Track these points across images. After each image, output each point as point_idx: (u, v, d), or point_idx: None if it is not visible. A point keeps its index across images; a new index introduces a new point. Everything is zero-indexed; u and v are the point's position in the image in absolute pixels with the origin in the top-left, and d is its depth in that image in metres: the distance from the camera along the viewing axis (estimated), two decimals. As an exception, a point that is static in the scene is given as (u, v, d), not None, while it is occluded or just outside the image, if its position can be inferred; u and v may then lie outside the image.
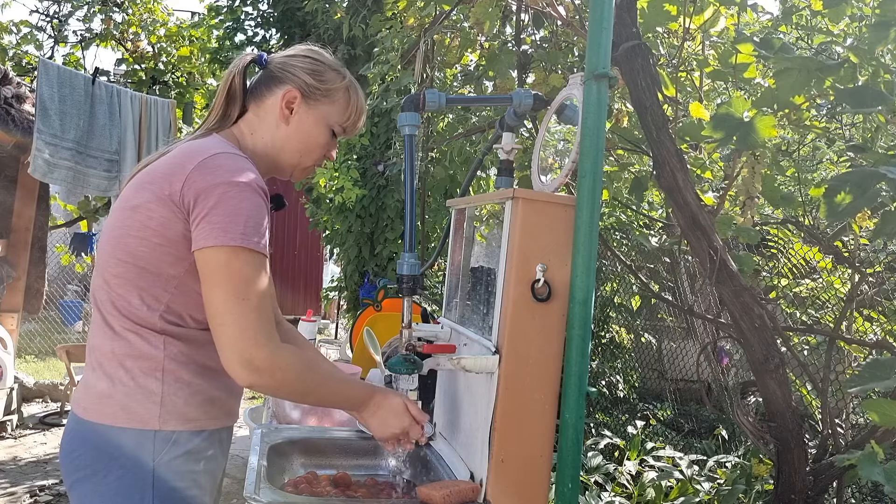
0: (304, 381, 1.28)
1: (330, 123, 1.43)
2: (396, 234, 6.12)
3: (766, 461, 2.35)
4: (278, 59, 1.43)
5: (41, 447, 4.85)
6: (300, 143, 1.41)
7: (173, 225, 1.22)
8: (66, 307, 9.87)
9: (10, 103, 4.73)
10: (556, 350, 1.37)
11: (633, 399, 4.92)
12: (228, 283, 1.19)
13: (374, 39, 4.53)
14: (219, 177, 1.21)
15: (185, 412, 1.27)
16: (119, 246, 1.26)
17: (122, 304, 1.26)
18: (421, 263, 1.51)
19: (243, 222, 1.19)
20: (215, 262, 1.20)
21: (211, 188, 1.20)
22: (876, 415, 1.44)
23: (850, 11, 2.06)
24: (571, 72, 2.64)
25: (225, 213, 1.19)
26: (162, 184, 1.23)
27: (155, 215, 1.23)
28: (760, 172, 2.01)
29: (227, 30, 7.60)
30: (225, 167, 1.22)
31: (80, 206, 6.43)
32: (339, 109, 1.43)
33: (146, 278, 1.24)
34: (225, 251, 1.19)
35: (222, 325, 1.19)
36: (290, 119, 1.39)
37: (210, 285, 1.20)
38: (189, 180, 1.21)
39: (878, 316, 2.72)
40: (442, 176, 4.52)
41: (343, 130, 1.46)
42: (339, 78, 1.43)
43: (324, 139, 1.43)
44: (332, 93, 1.42)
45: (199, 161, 1.23)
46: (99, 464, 1.24)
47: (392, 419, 1.40)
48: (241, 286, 1.20)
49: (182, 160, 1.25)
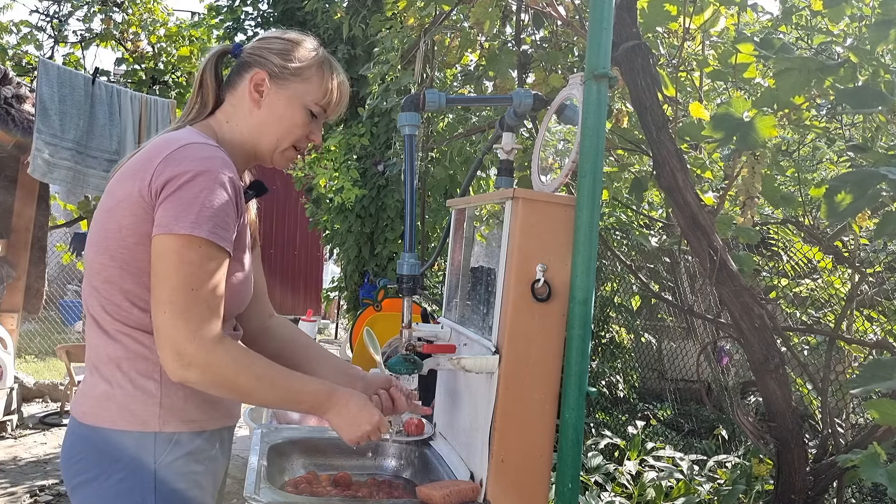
0: (245, 380, 1.21)
1: (305, 103, 1.36)
2: (396, 234, 6.13)
3: (766, 461, 2.35)
4: (249, 46, 1.41)
5: (41, 447, 4.85)
6: (275, 125, 1.35)
7: (145, 223, 1.20)
8: (66, 307, 9.87)
9: (10, 103, 4.73)
10: (556, 350, 1.37)
11: (633, 399, 4.92)
12: (174, 272, 1.16)
13: (374, 39, 4.53)
14: (184, 167, 1.18)
15: (184, 413, 1.26)
16: (101, 249, 1.24)
17: (111, 307, 1.24)
18: (421, 263, 1.51)
19: (197, 211, 1.16)
20: (163, 249, 1.16)
21: (174, 178, 1.17)
22: (877, 414, 1.44)
23: (850, 11, 2.06)
24: (571, 72, 2.64)
25: (181, 201, 1.16)
26: (133, 181, 1.21)
27: (128, 213, 1.21)
28: (760, 172, 2.01)
29: (227, 30, 7.60)
30: (191, 157, 1.19)
31: (80, 206, 6.43)
32: (314, 87, 1.37)
33: (129, 279, 1.23)
34: (175, 239, 1.16)
35: (160, 315, 1.16)
36: (262, 103, 1.35)
37: (155, 272, 1.17)
38: (156, 173, 1.19)
39: (878, 316, 2.72)
40: (442, 176, 4.52)
41: (323, 110, 1.39)
42: (309, 55, 1.37)
43: (299, 119, 1.36)
44: (302, 70, 1.36)
45: (166, 154, 1.20)
46: (100, 467, 1.23)
47: (362, 416, 1.33)
48: (187, 276, 1.16)
49: (151, 154, 1.23)
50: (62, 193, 6.63)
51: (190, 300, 1.16)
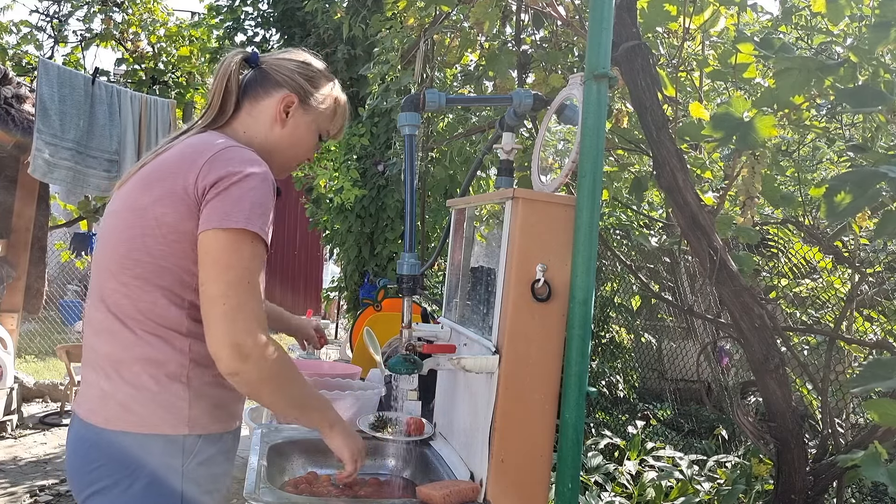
0: (287, 376, 1.26)
1: (320, 128, 1.49)
2: (396, 234, 6.12)
3: (766, 461, 2.35)
4: (272, 61, 1.45)
5: (41, 447, 4.85)
6: (292, 145, 1.45)
7: (189, 220, 1.22)
8: (66, 307, 9.86)
9: (10, 103, 4.73)
10: (556, 350, 1.37)
11: (633, 399, 4.92)
12: (230, 266, 1.18)
13: (374, 39, 4.53)
14: (232, 166, 1.22)
15: (210, 414, 1.26)
16: (134, 247, 1.24)
17: (145, 305, 1.23)
18: (421, 263, 1.51)
19: (248, 207, 1.20)
20: (217, 244, 1.19)
21: (224, 177, 1.21)
22: (876, 414, 1.44)
23: (850, 11, 2.05)
24: (571, 72, 2.64)
25: (232, 199, 1.20)
26: (174, 180, 1.23)
27: (169, 211, 1.22)
28: (760, 172, 2.01)
29: (227, 30, 7.59)
30: (237, 158, 1.24)
31: (80, 206, 6.43)
32: (329, 116, 1.49)
33: (167, 277, 1.23)
34: (229, 234, 1.19)
35: (217, 308, 1.17)
36: (286, 122, 1.43)
37: (209, 266, 1.19)
38: (202, 172, 1.22)
39: (878, 316, 2.72)
40: (442, 176, 4.52)
41: (328, 134, 1.52)
42: (330, 86, 1.49)
43: (312, 143, 1.49)
44: (325, 100, 1.48)
45: (211, 154, 1.24)
46: (122, 474, 1.20)
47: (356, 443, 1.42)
48: (242, 270, 1.19)
49: (192, 155, 1.25)
50: (62, 193, 6.63)
51: (245, 293, 1.18)
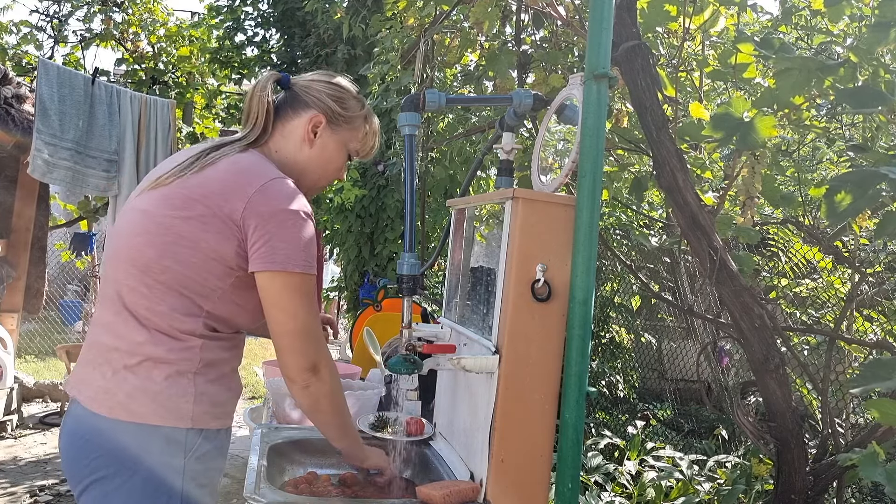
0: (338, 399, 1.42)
1: (349, 148, 1.53)
2: (396, 234, 6.12)
3: (766, 461, 2.35)
4: (303, 83, 1.49)
5: (41, 447, 4.85)
6: (321, 165, 1.49)
7: (228, 242, 1.28)
8: (66, 307, 9.86)
9: (10, 103, 4.73)
10: (556, 350, 1.37)
11: (633, 399, 4.92)
12: (297, 303, 1.30)
13: (374, 39, 4.53)
14: (280, 203, 1.29)
15: (212, 410, 1.32)
16: (167, 253, 1.28)
17: (163, 309, 1.28)
18: (421, 263, 1.51)
19: (304, 249, 1.30)
20: (284, 285, 1.29)
21: (273, 214, 1.28)
22: (877, 413, 1.44)
23: (850, 11, 2.05)
24: (571, 72, 2.64)
25: (289, 241, 1.29)
26: (219, 201, 1.28)
27: (211, 230, 1.28)
28: (760, 172, 2.01)
29: (227, 30, 7.59)
30: (284, 194, 1.31)
31: (80, 206, 6.43)
32: (359, 135, 1.53)
33: (192, 287, 1.29)
34: (292, 276, 1.29)
35: (297, 341, 1.31)
36: (315, 142, 1.47)
37: (279, 304, 1.30)
38: (251, 203, 1.28)
39: (878, 316, 2.72)
40: (442, 176, 4.52)
41: (357, 153, 1.56)
42: (359, 106, 1.52)
43: (342, 162, 1.53)
44: (353, 120, 1.51)
45: (259, 185, 1.29)
46: (123, 463, 1.24)
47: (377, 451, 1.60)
48: (309, 306, 1.32)
49: (240, 180, 1.30)
50: (62, 193, 6.63)
51: (315, 326, 1.34)
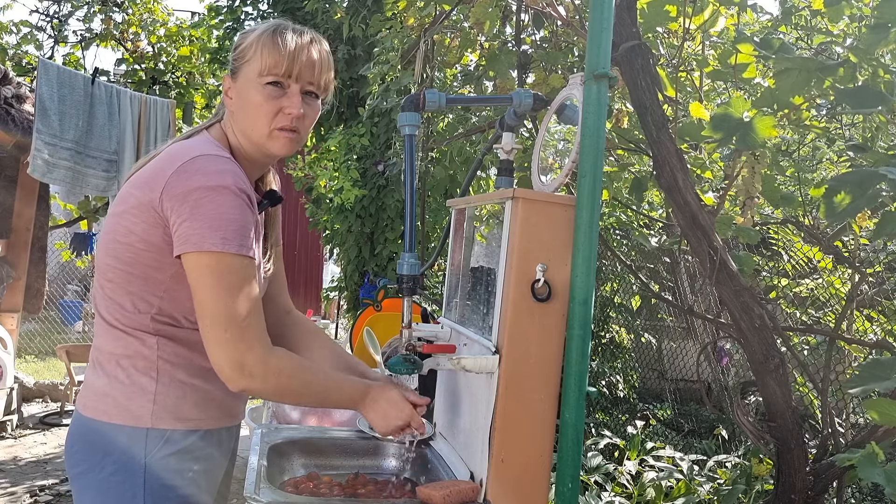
0: (298, 384, 1.29)
1: (256, 81, 1.31)
2: (396, 234, 6.12)
3: (766, 461, 2.35)
4: None
5: (41, 447, 4.85)
6: (246, 115, 1.33)
7: (155, 231, 1.24)
8: (66, 307, 9.87)
9: (10, 103, 4.73)
10: (556, 350, 1.37)
11: (633, 399, 4.92)
12: (215, 288, 1.20)
13: (374, 39, 4.53)
14: (196, 181, 1.20)
15: (179, 411, 1.29)
16: (109, 251, 1.29)
17: (114, 307, 1.30)
18: (421, 263, 1.51)
19: (224, 227, 1.19)
20: (199, 267, 1.20)
21: (187, 193, 1.20)
22: (876, 414, 1.45)
23: (850, 12, 2.06)
24: (571, 72, 2.64)
25: (205, 218, 1.19)
26: (144, 189, 1.25)
27: (138, 220, 1.25)
28: (760, 172, 2.01)
29: (227, 30, 7.59)
30: (202, 171, 1.21)
31: (80, 206, 6.43)
32: (257, 62, 1.31)
33: (136, 283, 1.28)
34: (207, 256, 1.20)
35: (216, 330, 1.21)
36: (232, 103, 1.35)
37: (197, 290, 1.22)
38: (167, 186, 1.21)
39: (878, 316, 2.72)
40: (442, 176, 4.52)
41: (270, 72, 1.30)
42: (252, 35, 1.34)
43: (259, 98, 1.31)
44: (245, 53, 1.33)
45: (177, 166, 1.22)
46: (94, 459, 1.28)
47: (392, 411, 1.39)
48: (227, 291, 1.20)
49: (163, 164, 1.25)
50: (62, 193, 6.64)
51: (236, 313, 1.21)
